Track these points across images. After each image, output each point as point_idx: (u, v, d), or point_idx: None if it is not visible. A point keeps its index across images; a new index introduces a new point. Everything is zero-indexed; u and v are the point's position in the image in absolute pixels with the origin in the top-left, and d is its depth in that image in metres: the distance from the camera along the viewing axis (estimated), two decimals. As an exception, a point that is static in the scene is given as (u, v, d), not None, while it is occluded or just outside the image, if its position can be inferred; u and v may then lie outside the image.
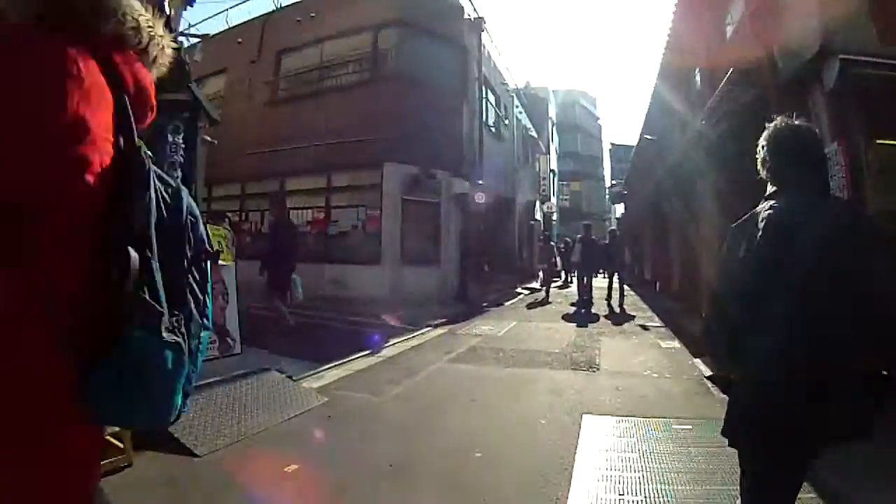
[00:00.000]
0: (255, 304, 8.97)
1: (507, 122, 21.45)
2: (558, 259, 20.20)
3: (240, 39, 17.61)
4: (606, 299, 14.72)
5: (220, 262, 6.78)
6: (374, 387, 6.06)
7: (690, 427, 4.67)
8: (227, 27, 18.61)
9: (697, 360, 7.56)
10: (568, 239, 24.98)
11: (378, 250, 13.35)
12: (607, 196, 58.74)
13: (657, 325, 11.35)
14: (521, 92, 26.06)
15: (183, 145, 6.56)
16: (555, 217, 36.53)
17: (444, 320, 11.09)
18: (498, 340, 9.14)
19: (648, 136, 18.31)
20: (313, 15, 15.66)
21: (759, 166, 2.12)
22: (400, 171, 13.40)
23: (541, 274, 19.72)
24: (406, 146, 13.37)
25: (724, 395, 5.47)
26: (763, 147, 2.09)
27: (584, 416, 4.99)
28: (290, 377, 6.09)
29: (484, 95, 16.68)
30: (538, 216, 28.93)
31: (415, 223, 13.72)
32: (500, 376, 6.67)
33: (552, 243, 20.43)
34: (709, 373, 6.71)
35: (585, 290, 14.31)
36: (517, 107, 23.75)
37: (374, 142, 13.37)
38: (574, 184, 55.69)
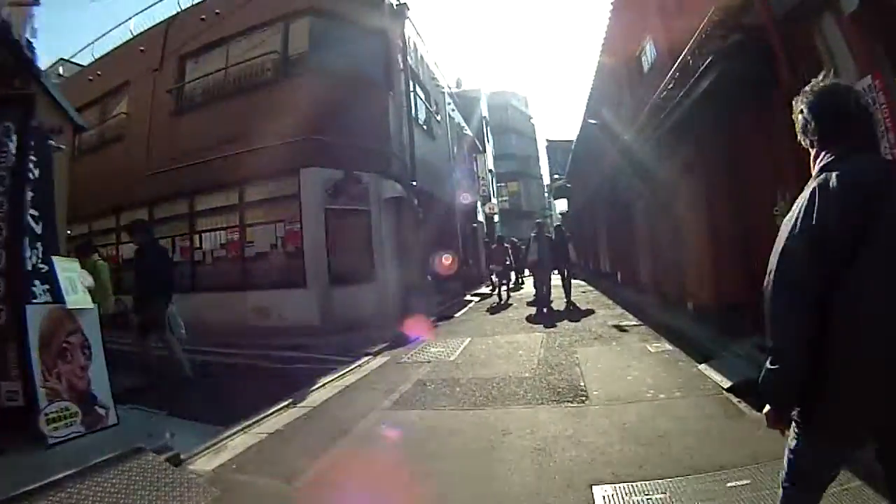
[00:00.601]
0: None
1: (439, 117, 19.75)
2: (511, 260, 18.84)
3: (142, 48, 15.54)
4: (566, 298, 14.04)
5: (74, 305, 4.98)
6: (288, 462, 4.33)
7: (749, 481, 3.24)
8: (129, 37, 16.54)
9: (704, 367, 6.17)
10: (514, 239, 23.53)
11: (301, 270, 11.42)
12: (547, 193, 59.33)
13: (633, 323, 9.96)
14: (451, 91, 24.53)
15: (14, 151, 4.98)
16: (496, 218, 35.19)
17: (385, 344, 9.38)
18: (452, 367, 7.42)
19: (592, 121, 17.00)
20: (218, 11, 13.67)
21: (799, 134, 1.99)
22: (320, 177, 11.50)
23: (493, 277, 18.46)
24: (326, 148, 11.53)
25: (758, 413, 4.08)
26: (804, 111, 1.94)
27: (594, 487, 3.37)
28: (173, 458, 4.34)
29: (412, 89, 14.94)
30: (480, 217, 27.43)
31: (343, 235, 11.76)
32: (460, 427, 4.91)
33: (505, 244, 18.96)
34: (727, 383, 5.35)
35: (545, 289, 13.41)
36: (449, 104, 22.20)
37: (289, 146, 11.51)
38: (512, 184, 55.62)
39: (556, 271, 14.58)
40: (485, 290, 20.82)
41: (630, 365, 6.72)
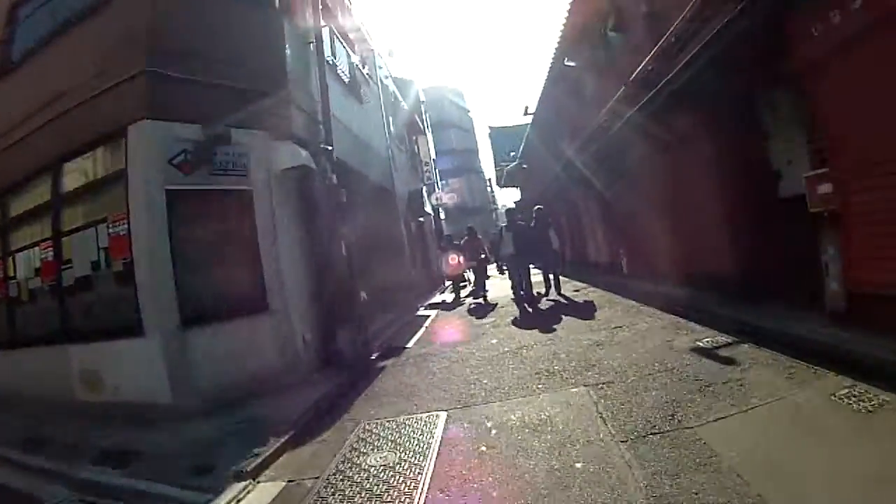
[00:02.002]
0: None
1: (366, 71, 14.86)
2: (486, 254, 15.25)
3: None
4: (556, 292, 12.56)
5: None
6: None
7: None
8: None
9: None
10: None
11: (133, 305, 6.28)
12: (489, 187, 57.34)
13: (724, 341, 5.77)
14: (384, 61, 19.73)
15: None
16: (443, 214, 30.72)
17: (285, 438, 4.82)
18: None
19: (570, 63, 12.71)
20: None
21: None
22: (161, 137, 6.47)
23: (469, 275, 16.33)
24: (171, 89, 6.64)
25: None
26: None
27: None
28: None
29: (321, 23, 10.07)
30: (428, 209, 22.67)
31: (203, 237, 6.75)
32: None
33: (479, 236, 15.51)
34: None
35: (525, 286, 12.04)
36: (381, 68, 17.53)
37: (113, 92, 6.72)
38: (453, 181, 52.82)
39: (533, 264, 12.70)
40: (443, 297, 16.41)
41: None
